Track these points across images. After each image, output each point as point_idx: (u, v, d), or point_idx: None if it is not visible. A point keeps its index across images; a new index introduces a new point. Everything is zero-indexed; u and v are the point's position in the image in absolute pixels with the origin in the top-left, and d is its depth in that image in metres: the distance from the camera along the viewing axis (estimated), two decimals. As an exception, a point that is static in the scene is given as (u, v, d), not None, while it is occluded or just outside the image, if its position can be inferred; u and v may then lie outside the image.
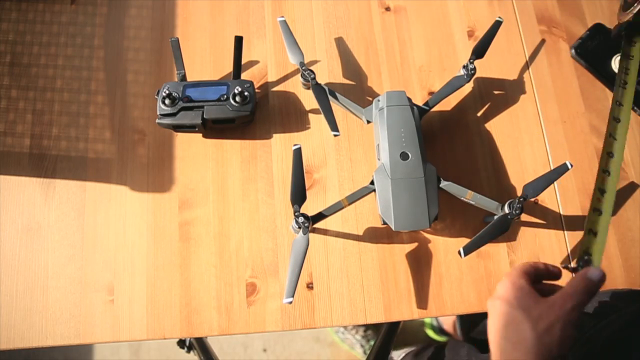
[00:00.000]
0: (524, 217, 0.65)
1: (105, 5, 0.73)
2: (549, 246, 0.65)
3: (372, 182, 0.60)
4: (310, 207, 0.64)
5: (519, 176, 0.67)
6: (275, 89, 0.70)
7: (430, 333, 1.30)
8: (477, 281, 0.63)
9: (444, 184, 0.60)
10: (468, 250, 0.56)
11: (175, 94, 0.63)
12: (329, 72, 0.71)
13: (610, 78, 0.71)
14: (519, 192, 0.61)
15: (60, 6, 0.73)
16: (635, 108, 0.70)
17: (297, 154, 0.58)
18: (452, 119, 0.70)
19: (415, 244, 0.64)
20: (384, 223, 0.59)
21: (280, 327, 0.60)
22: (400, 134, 0.59)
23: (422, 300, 0.62)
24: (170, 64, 0.70)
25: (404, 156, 0.58)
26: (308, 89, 0.67)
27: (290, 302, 0.53)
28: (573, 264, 0.52)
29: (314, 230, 0.64)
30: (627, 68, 0.66)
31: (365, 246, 0.64)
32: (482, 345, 0.64)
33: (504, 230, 0.58)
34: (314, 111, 0.69)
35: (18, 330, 0.60)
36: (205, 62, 0.71)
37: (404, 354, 0.91)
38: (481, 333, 0.87)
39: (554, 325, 0.41)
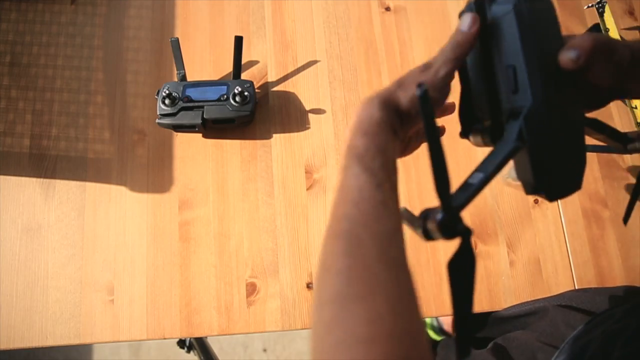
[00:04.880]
0: (524, 217, 0.65)
1: (105, 6, 0.73)
2: (549, 246, 0.65)
3: (519, 137, 0.34)
4: (310, 208, 0.64)
5: (519, 176, 0.67)
6: (275, 89, 0.70)
7: (431, 333, 1.30)
8: (477, 281, 0.63)
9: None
10: (629, 215, 0.44)
11: (175, 94, 0.63)
12: (329, 72, 0.71)
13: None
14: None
15: (60, 6, 0.72)
16: None
17: (424, 100, 0.31)
18: (452, 119, 0.70)
19: (415, 244, 0.64)
20: (535, 192, 0.35)
21: (280, 327, 0.60)
22: (548, 48, 0.36)
23: (422, 300, 0.62)
24: (170, 64, 0.70)
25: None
26: None
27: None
28: None
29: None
30: None
31: (365, 246, 0.63)
32: (480, 344, 0.64)
33: None
34: (314, 111, 0.69)
35: (18, 330, 0.60)
36: (205, 62, 0.71)
37: None
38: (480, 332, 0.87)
39: (400, 80, 0.37)
